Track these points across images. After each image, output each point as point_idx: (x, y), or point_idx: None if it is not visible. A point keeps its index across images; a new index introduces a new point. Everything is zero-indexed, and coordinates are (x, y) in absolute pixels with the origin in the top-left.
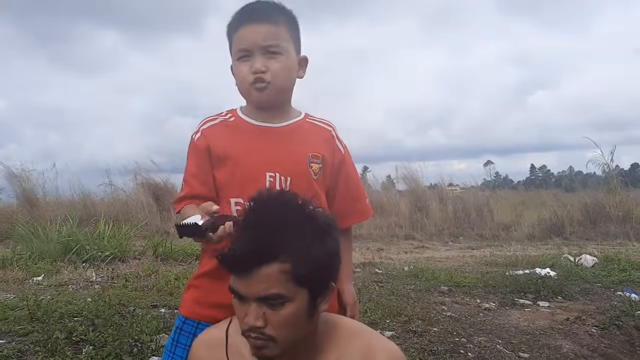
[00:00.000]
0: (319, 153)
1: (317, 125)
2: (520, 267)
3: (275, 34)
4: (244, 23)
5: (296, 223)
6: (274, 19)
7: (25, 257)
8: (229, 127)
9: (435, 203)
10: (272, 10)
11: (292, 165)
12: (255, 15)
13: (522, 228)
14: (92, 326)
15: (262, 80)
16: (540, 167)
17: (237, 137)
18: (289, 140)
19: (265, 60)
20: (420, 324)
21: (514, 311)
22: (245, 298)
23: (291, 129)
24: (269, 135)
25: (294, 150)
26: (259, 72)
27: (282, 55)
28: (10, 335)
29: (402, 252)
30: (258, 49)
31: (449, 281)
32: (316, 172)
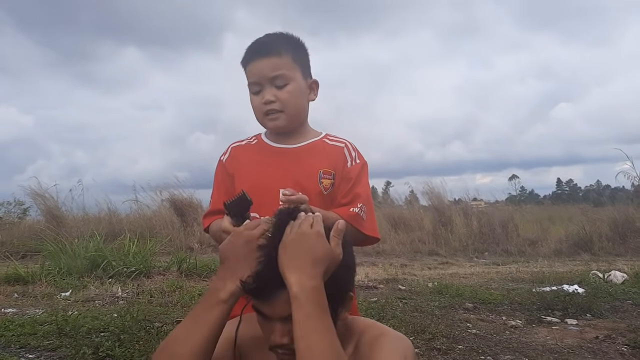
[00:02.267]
0: (330, 169)
1: (331, 145)
2: (547, 284)
3: (280, 65)
4: (252, 59)
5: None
6: (278, 51)
7: (53, 273)
8: (252, 149)
9: (460, 218)
10: (277, 43)
11: (303, 181)
12: (261, 50)
13: (548, 243)
14: (119, 342)
15: (274, 111)
16: (567, 181)
17: (256, 158)
18: (301, 159)
19: (274, 91)
20: (445, 341)
21: (541, 329)
22: (271, 318)
23: (305, 149)
24: (284, 155)
25: (305, 167)
26: (269, 102)
27: (289, 84)
28: (39, 350)
29: (426, 268)
30: (266, 81)
31: (474, 298)
32: (327, 188)
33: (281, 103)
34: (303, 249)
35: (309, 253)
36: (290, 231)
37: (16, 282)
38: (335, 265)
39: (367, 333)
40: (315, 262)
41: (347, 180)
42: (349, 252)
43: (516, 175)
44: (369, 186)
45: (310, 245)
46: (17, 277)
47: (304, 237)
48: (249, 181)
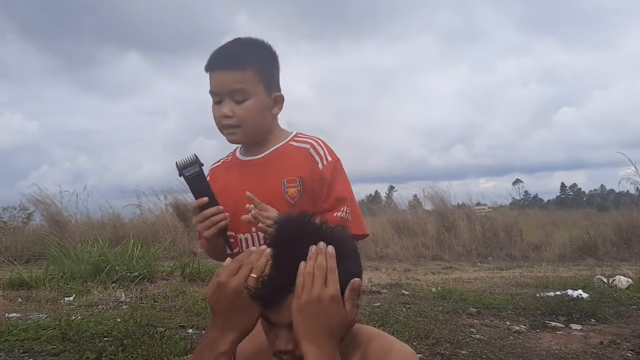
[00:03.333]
0: (295, 176)
1: (295, 148)
2: (551, 289)
3: (241, 80)
4: (214, 68)
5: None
6: (241, 65)
7: (57, 278)
8: (226, 167)
9: (463, 223)
10: (242, 55)
11: (268, 194)
12: (223, 62)
13: (552, 248)
14: (122, 347)
15: (230, 126)
16: (571, 186)
17: (227, 176)
18: (264, 171)
19: (232, 105)
20: (449, 346)
21: (545, 334)
22: (276, 325)
23: (268, 159)
24: (248, 168)
25: (269, 180)
26: (225, 117)
27: (249, 100)
28: (42, 355)
29: (430, 272)
30: (226, 93)
31: (478, 303)
32: (293, 197)
33: (238, 119)
34: (319, 317)
35: (326, 323)
36: (302, 289)
37: (20, 287)
38: (350, 328)
39: (373, 344)
40: (331, 333)
41: (322, 182)
42: (356, 260)
43: (520, 179)
44: (348, 182)
45: (326, 313)
46: (21, 281)
47: (319, 304)
48: (224, 201)
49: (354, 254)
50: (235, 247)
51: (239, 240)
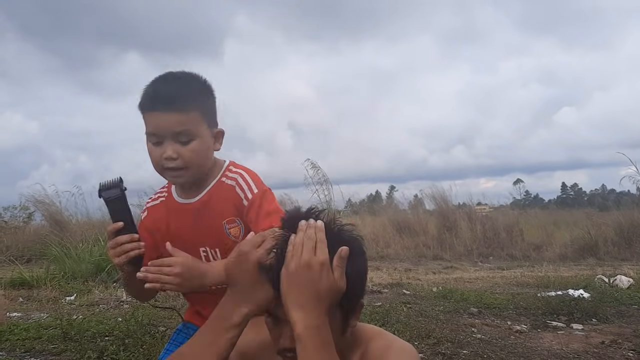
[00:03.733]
0: (232, 216)
1: (225, 186)
2: (552, 288)
3: (185, 121)
4: (153, 109)
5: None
6: (183, 107)
7: (58, 277)
8: (164, 207)
9: (464, 222)
10: (182, 95)
11: (213, 238)
12: (164, 104)
13: (553, 248)
14: (123, 346)
15: (174, 168)
16: (572, 186)
17: (169, 218)
18: (203, 216)
19: (176, 146)
20: (450, 346)
21: (547, 334)
22: (280, 320)
23: (202, 204)
24: (188, 212)
25: (210, 224)
26: (170, 159)
27: (195, 141)
28: (44, 355)
29: (431, 272)
30: (169, 136)
31: (479, 302)
32: (237, 235)
33: (183, 161)
34: (307, 283)
35: (314, 289)
36: (292, 257)
37: (21, 286)
38: (339, 296)
39: (374, 343)
40: (319, 299)
41: (249, 219)
42: (363, 259)
43: (521, 179)
44: (275, 212)
45: (315, 279)
46: (22, 281)
47: (308, 270)
48: (174, 244)
49: (361, 252)
50: None
51: None
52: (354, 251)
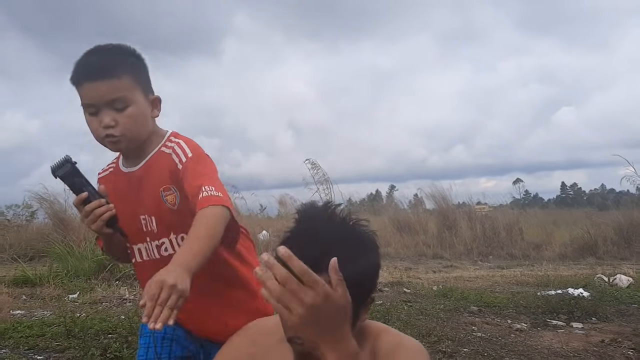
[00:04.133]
0: (168, 184)
1: (165, 155)
2: (552, 287)
3: (118, 88)
4: (85, 80)
5: (339, 237)
6: (115, 73)
7: (61, 275)
8: (111, 177)
9: (464, 222)
10: (114, 63)
11: (152, 206)
12: (95, 73)
13: (553, 247)
14: (127, 343)
15: (113, 135)
16: (572, 185)
17: (115, 187)
18: (143, 183)
19: (113, 114)
20: (450, 344)
21: (547, 332)
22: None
23: (143, 171)
24: (131, 181)
25: (149, 191)
26: (108, 127)
27: (130, 107)
28: (47, 352)
29: (431, 271)
30: (104, 104)
31: (479, 301)
32: (173, 203)
33: (122, 128)
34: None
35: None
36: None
37: (24, 284)
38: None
39: (383, 339)
40: (338, 326)
41: (183, 179)
42: (376, 254)
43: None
44: (207, 167)
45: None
46: (25, 279)
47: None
48: (118, 213)
49: (374, 247)
50: (133, 257)
51: (136, 250)
52: (368, 246)
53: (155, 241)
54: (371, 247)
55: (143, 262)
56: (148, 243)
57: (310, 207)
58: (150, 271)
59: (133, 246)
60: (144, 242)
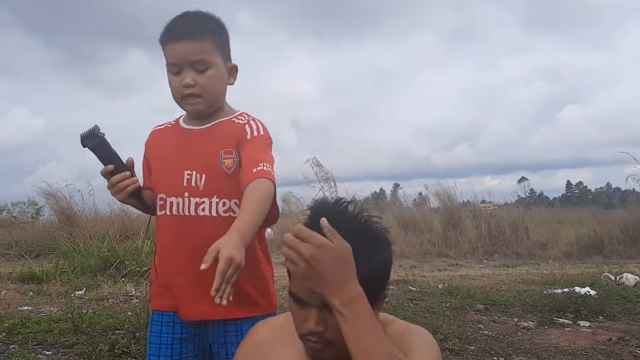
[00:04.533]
0: (232, 148)
1: (235, 123)
2: (558, 286)
3: (201, 50)
4: (171, 39)
5: (350, 233)
6: (199, 35)
7: (67, 272)
8: (166, 131)
9: (469, 220)
10: (200, 26)
11: (205, 163)
12: (182, 33)
13: (559, 246)
14: (134, 339)
15: (193, 95)
16: (577, 184)
17: (165, 141)
18: (203, 140)
19: (194, 74)
20: (457, 342)
21: (554, 330)
22: (306, 303)
23: (210, 129)
24: (189, 136)
25: (207, 149)
26: (188, 86)
27: (210, 69)
28: (55, 347)
29: (436, 269)
30: (187, 64)
31: (485, 299)
32: (229, 167)
33: (201, 88)
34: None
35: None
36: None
37: (31, 281)
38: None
39: (392, 327)
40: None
41: (246, 147)
42: (388, 251)
43: (525, 177)
44: (270, 151)
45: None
46: (32, 275)
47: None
48: (159, 163)
49: (386, 244)
50: (163, 209)
51: (169, 203)
52: (380, 242)
53: (195, 198)
54: (383, 243)
55: (172, 216)
56: (185, 198)
57: (322, 203)
58: (177, 226)
59: (167, 198)
60: (181, 196)
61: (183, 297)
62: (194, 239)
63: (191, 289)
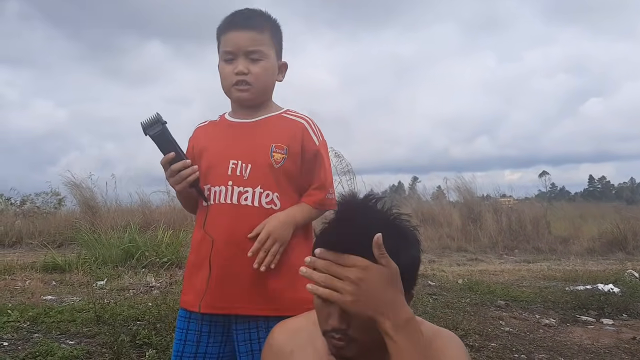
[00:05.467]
0: (284, 144)
1: (289, 119)
2: (580, 283)
3: (258, 41)
4: (231, 28)
5: (379, 230)
6: (259, 27)
7: (89, 262)
8: (213, 126)
9: (489, 214)
10: (258, 18)
11: (253, 154)
12: (242, 22)
13: (581, 242)
14: (155, 330)
15: (244, 82)
16: (599, 178)
17: (212, 133)
18: (253, 133)
19: (247, 63)
20: (478, 338)
21: (576, 328)
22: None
23: (258, 123)
24: (237, 128)
25: (257, 140)
26: (241, 73)
27: (263, 60)
28: (78, 337)
29: (455, 264)
30: (242, 53)
31: (506, 295)
32: (278, 162)
33: (252, 77)
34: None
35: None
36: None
37: (54, 270)
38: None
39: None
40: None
41: (317, 158)
42: (417, 249)
43: (546, 171)
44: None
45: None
46: (54, 265)
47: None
48: (206, 157)
49: (415, 242)
50: (209, 199)
51: (212, 192)
52: (410, 240)
53: (239, 187)
54: (412, 241)
55: (217, 205)
56: (229, 187)
57: (351, 199)
58: (221, 215)
59: (212, 187)
60: (224, 184)
61: (216, 287)
62: (233, 227)
63: (227, 280)
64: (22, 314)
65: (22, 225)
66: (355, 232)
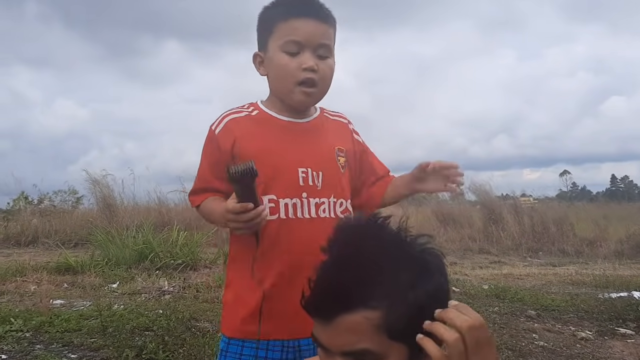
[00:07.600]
0: (343, 146)
1: (335, 120)
2: (613, 289)
3: (330, 36)
4: (302, 14)
5: (390, 258)
6: (329, 19)
7: (102, 264)
8: (254, 121)
9: (510, 215)
10: (327, 10)
11: (322, 160)
12: (313, 10)
13: (608, 244)
14: (163, 344)
15: (312, 82)
16: (622, 178)
17: (265, 132)
18: (315, 136)
19: (316, 59)
20: (511, 355)
21: (616, 342)
22: (329, 350)
23: (314, 125)
24: (295, 131)
25: (322, 145)
26: (310, 70)
27: (330, 59)
28: (82, 350)
29: (478, 267)
30: (311, 46)
31: (536, 303)
32: (343, 166)
33: (321, 74)
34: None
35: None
36: None
37: (66, 272)
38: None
39: None
40: None
41: (365, 153)
42: (439, 273)
43: (568, 171)
44: None
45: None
46: (67, 266)
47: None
48: (261, 161)
49: (437, 270)
50: (275, 213)
51: (282, 205)
52: (431, 269)
53: (315, 198)
54: (434, 270)
55: (287, 219)
56: (304, 199)
57: (352, 225)
58: (289, 231)
59: (279, 200)
60: (299, 197)
61: (284, 313)
62: (308, 243)
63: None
64: (26, 322)
65: (38, 224)
66: (357, 266)
